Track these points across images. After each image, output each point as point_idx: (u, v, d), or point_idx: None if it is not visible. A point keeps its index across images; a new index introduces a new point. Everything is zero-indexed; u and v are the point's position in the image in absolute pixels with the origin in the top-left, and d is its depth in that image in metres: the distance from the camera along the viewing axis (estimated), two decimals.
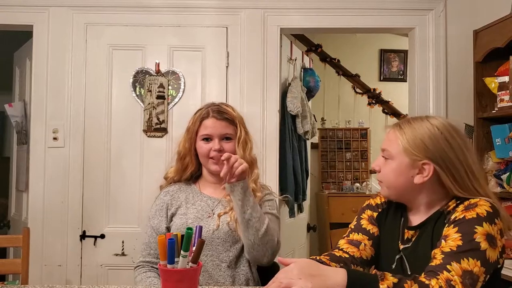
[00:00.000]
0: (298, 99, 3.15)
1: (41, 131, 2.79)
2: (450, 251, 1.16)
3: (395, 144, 1.33)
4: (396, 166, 1.32)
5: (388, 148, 1.35)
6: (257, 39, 2.85)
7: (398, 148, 1.32)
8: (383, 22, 2.91)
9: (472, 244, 1.16)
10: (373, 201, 1.49)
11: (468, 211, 1.22)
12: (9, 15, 2.82)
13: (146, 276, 1.65)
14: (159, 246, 1.19)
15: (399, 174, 1.32)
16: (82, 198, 2.78)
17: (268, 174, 2.77)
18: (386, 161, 1.36)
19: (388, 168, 1.35)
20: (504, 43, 2.22)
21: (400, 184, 1.33)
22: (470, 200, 1.24)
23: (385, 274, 1.12)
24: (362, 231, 1.43)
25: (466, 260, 1.14)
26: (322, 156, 4.79)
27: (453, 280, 1.11)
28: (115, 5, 2.82)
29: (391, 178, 1.34)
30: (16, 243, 2.16)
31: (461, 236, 1.17)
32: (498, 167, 2.38)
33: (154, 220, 1.73)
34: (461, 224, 1.20)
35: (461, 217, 1.21)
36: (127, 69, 2.82)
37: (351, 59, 5.14)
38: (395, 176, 1.33)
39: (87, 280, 2.73)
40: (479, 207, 1.21)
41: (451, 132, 1.30)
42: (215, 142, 1.68)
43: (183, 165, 1.75)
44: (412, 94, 2.93)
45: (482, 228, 1.18)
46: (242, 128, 1.73)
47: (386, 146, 1.36)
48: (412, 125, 1.32)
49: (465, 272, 1.13)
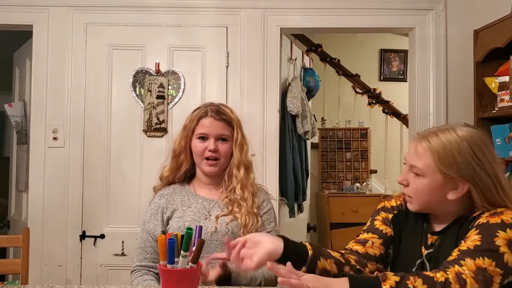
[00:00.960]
0: (298, 99, 3.15)
1: (41, 131, 2.79)
2: (467, 249, 1.16)
3: (426, 161, 1.28)
4: (429, 183, 1.29)
5: (418, 165, 1.30)
6: (257, 39, 2.84)
7: (430, 166, 1.27)
8: (383, 22, 2.91)
9: (491, 245, 1.15)
10: (388, 204, 1.47)
11: (492, 217, 1.21)
12: (9, 15, 2.82)
13: (142, 279, 1.65)
14: (159, 246, 1.19)
15: (433, 191, 1.29)
16: (82, 198, 2.78)
17: (268, 174, 2.77)
18: (417, 177, 1.31)
19: (419, 185, 1.30)
20: (504, 43, 2.21)
21: (433, 201, 1.30)
22: (496, 209, 1.24)
23: (386, 274, 1.12)
24: (374, 230, 1.42)
25: (481, 258, 1.13)
26: (322, 156, 4.79)
27: (464, 273, 1.10)
28: (115, 5, 2.82)
29: (424, 195, 1.30)
30: (16, 243, 2.16)
31: (481, 237, 1.17)
32: None
33: (150, 224, 1.72)
34: (483, 228, 1.19)
35: (484, 221, 1.21)
36: (127, 69, 2.82)
37: (351, 59, 5.15)
38: (429, 193, 1.29)
39: (87, 280, 2.73)
40: (504, 215, 1.21)
41: (480, 145, 1.27)
42: (211, 141, 1.67)
43: (178, 163, 1.73)
44: (412, 94, 2.93)
45: (505, 233, 1.16)
46: (239, 131, 1.71)
47: (415, 163, 1.31)
48: (440, 138, 1.28)
49: (479, 269, 1.11)
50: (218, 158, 1.68)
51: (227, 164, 1.71)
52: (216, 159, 1.68)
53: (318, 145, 4.75)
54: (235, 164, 1.69)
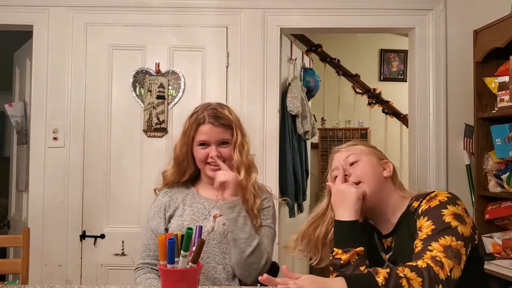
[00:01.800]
0: (298, 99, 3.15)
1: (41, 131, 2.79)
2: (427, 236, 1.25)
3: (358, 149, 1.47)
4: (368, 160, 1.44)
5: (353, 153, 1.45)
6: (257, 39, 2.84)
7: (363, 150, 1.47)
8: (383, 22, 2.91)
9: (443, 224, 1.26)
10: None
11: (431, 201, 1.33)
12: (9, 15, 2.82)
13: (145, 277, 1.65)
14: (159, 246, 1.19)
15: (373, 167, 1.43)
16: (82, 198, 2.78)
17: (268, 174, 2.77)
18: (356, 165, 1.44)
19: (362, 166, 1.43)
20: (504, 43, 2.22)
21: (377, 181, 1.41)
22: (430, 194, 1.36)
23: (377, 269, 1.18)
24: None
25: (442, 238, 1.23)
26: (322, 156, 4.80)
27: (437, 256, 1.19)
28: (115, 5, 2.82)
29: (370, 172, 1.42)
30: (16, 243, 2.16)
31: (432, 221, 1.27)
32: (498, 167, 2.38)
33: (153, 221, 1.72)
34: (429, 213, 1.30)
35: (426, 207, 1.32)
36: (127, 69, 2.82)
37: (351, 59, 5.15)
38: (372, 169, 1.43)
39: (87, 280, 2.73)
40: (439, 196, 1.33)
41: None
42: (212, 148, 1.66)
43: (181, 169, 1.73)
44: (412, 94, 2.93)
45: (448, 210, 1.28)
46: (239, 131, 1.69)
47: (349, 157, 1.45)
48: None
49: (446, 248, 1.21)
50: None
51: (231, 166, 1.70)
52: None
53: (318, 145, 4.76)
54: (235, 167, 1.67)
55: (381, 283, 1.12)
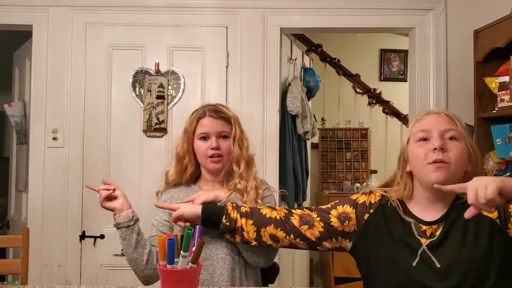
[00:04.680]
0: (298, 99, 3.15)
1: (40, 131, 2.79)
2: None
3: (456, 126, 1.31)
4: (463, 147, 1.29)
5: (454, 128, 1.29)
6: (257, 39, 2.84)
7: (460, 132, 1.30)
8: (383, 22, 2.90)
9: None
10: (367, 199, 1.45)
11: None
12: (8, 15, 2.82)
13: (149, 241, 1.70)
14: (159, 246, 1.19)
15: (466, 157, 1.29)
16: (82, 198, 2.77)
17: (268, 174, 2.76)
18: (454, 141, 1.29)
19: (460, 149, 1.28)
20: (504, 43, 2.21)
21: (461, 170, 1.29)
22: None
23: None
24: (324, 220, 1.45)
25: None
26: (322, 156, 4.79)
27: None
28: (115, 5, 2.82)
29: (462, 160, 1.28)
30: (15, 243, 2.16)
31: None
32: (499, 167, 2.37)
33: (157, 217, 1.75)
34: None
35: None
36: (126, 69, 2.82)
37: (351, 59, 5.14)
38: (464, 159, 1.29)
39: (87, 280, 2.73)
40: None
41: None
42: (213, 140, 1.69)
43: (183, 166, 1.75)
44: (413, 94, 2.93)
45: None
46: (238, 127, 1.74)
47: (451, 126, 1.30)
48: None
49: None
50: (221, 155, 1.70)
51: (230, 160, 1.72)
52: (219, 156, 1.70)
53: (318, 145, 4.75)
54: (235, 160, 1.71)
55: None
